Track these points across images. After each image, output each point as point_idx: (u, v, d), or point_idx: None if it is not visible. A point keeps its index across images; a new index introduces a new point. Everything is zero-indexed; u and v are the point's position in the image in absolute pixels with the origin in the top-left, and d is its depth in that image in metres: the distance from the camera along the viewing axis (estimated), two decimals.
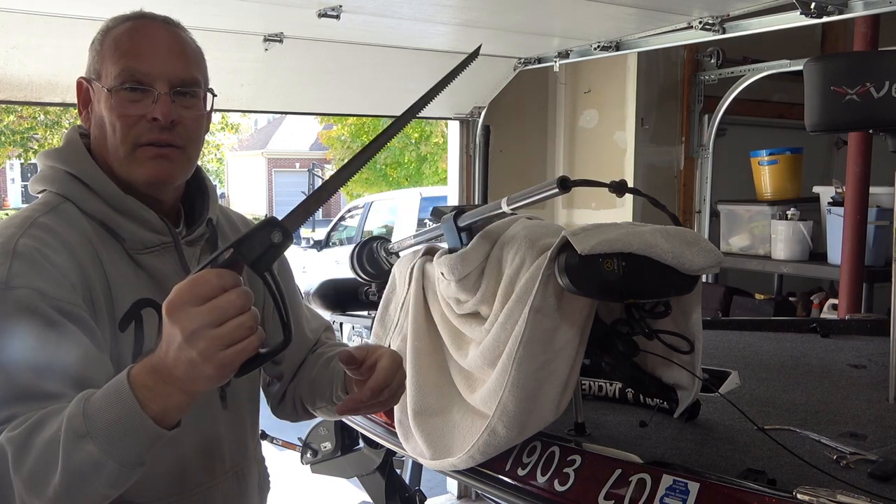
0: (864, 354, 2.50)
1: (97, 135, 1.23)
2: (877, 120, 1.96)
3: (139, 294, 1.19)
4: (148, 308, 1.19)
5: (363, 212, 9.23)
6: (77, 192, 1.20)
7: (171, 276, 1.22)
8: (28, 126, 15.14)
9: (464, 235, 1.76)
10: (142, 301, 1.19)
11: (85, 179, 1.20)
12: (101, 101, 1.21)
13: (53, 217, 1.17)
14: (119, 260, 1.19)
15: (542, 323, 1.52)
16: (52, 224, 1.15)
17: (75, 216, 1.18)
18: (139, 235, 1.21)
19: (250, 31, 2.99)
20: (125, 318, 1.16)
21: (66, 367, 1.04)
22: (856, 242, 3.72)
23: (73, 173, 1.20)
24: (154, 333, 1.18)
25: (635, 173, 4.33)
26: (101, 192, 1.19)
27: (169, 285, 1.18)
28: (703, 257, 1.52)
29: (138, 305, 1.18)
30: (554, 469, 1.55)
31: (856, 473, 1.47)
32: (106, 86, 1.19)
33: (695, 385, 1.74)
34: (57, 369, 1.04)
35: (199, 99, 1.26)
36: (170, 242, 1.24)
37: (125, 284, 1.18)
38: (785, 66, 3.98)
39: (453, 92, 4.16)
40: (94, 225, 1.19)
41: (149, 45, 1.20)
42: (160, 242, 1.23)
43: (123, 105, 1.19)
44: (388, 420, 1.99)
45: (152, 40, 1.21)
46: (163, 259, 1.23)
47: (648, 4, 2.82)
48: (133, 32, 1.21)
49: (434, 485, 4.22)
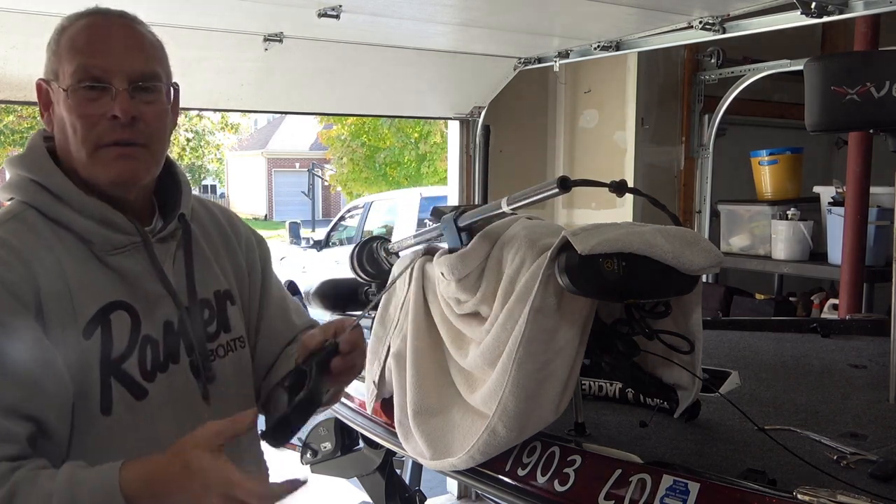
0: (864, 354, 2.50)
1: (60, 137, 1.21)
2: (877, 120, 1.96)
3: (107, 297, 1.17)
4: (118, 311, 1.18)
5: (363, 212, 9.24)
6: (41, 199, 1.18)
7: (142, 275, 1.21)
8: (28, 126, 15.14)
9: (464, 235, 1.76)
10: (109, 305, 1.17)
11: (48, 186, 1.18)
12: (59, 102, 1.19)
13: (12, 228, 1.15)
14: (86, 264, 1.17)
15: (543, 323, 1.52)
16: (7, 237, 1.13)
17: (37, 224, 1.16)
18: (107, 237, 1.19)
19: (250, 31, 2.99)
20: (90, 325, 1.14)
21: (15, 401, 1.04)
22: (856, 242, 3.72)
23: (37, 180, 1.18)
24: (124, 336, 1.18)
25: (635, 173, 4.33)
26: (65, 198, 1.17)
27: (140, 284, 1.20)
28: (704, 257, 1.53)
29: (105, 310, 1.16)
30: (554, 469, 1.55)
31: (856, 473, 1.47)
32: (63, 86, 1.17)
33: (695, 385, 1.74)
34: (6, 405, 1.04)
35: (160, 93, 1.23)
36: (139, 242, 1.22)
37: (91, 289, 1.16)
38: (785, 66, 3.98)
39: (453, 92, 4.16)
40: (59, 231, 1.17)
41: (104, 40, 1.18)
42: (129, 243, 1.21)
43: (82, 104, 1.16)
44: (388, 420, 1.99)
45: (107, 36, 1.18)
46: (133, 259, 1.21)
47: (648, 4, 2.82)
48: (87, 29, 1.19)
49: (434, 485, 4.22)
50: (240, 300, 1.39)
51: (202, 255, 1.33)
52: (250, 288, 1.43)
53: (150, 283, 1.22)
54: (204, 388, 1.27)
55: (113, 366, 1.16)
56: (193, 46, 2.81)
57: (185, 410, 1.24)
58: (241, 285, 1.41)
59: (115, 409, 1.15)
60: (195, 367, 1.26)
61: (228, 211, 1.49)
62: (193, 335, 1.26)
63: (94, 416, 1.14)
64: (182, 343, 1.25)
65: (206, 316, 1.30)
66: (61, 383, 1.10)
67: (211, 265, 1.34)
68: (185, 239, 1.31)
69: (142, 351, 1.19)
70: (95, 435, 1.14)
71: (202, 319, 1.29)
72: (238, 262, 1.42)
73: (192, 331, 1.26)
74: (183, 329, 1.25)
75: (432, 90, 3.90)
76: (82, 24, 1.20)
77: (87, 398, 1.13)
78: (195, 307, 1.28)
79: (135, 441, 1.16)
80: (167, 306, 1.24)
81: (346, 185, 17.11)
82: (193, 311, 1.27)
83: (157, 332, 1.22)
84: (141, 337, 1.19)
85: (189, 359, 1.25)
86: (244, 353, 1.38)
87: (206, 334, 1.29)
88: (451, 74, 3.71)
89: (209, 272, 1.33)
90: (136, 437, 1.17)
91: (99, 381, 1.14)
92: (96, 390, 1.14)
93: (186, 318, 1.25)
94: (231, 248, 1.41)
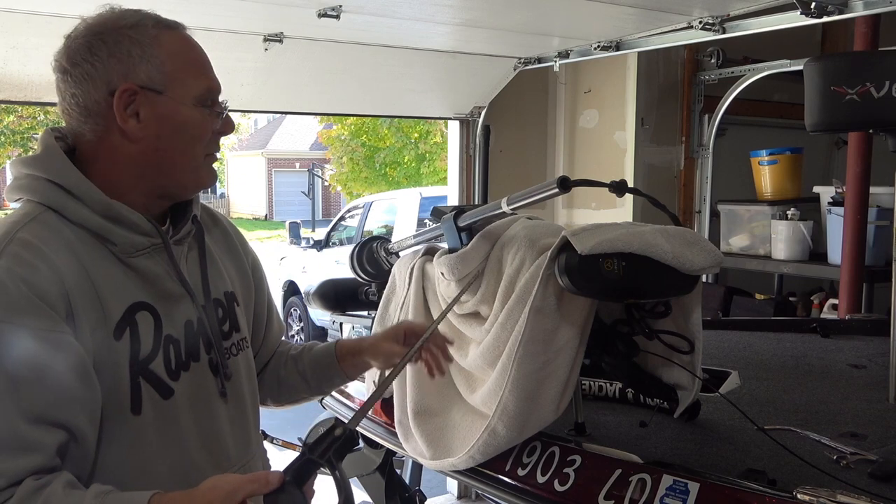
0: (864, 354, 2.50)
1: (149, 143, 1.21)
2: (877, 120, 1.96)
3: (131, 298, 1.18)
4: (142, 311, 1.19)
5: (363, 212, 9.23)
6: (60, 200, 1.17)
7: (161, 276, 1.22)
8: (28, 126, 15.15)
9: (464, 235, 1.76)
10: (134, 305, 1.18)
11: (68, 187, 1.17)
12: (169, 112, 1.21)
13: (33, 229, 1.13)
14: (108, 266, 1.18)
15: (542, 323, 1.52)
16: (31, 238, 1.12)
17: (57, 225, 1.16)
18: (130, 239, 1.19)
19: (250, 31, 2.99)
20: (119, 326, 1.15)
21: (45, 407, 1.05)
22: (856, 242, 3.72)
23: (56, 181, 1.18)
24: (149, 336, 1.19)
25: (635, 173, 4.33)
26: (87, 200, 1.17)
27: (160, 285, 1.22)
28: (704, 257, 1.52)
29: (131, 311, 1.17)
30: (554, 469, 1.55)
31: (856, 473, 1.47)
32: (184, 100, 1.21)
33: (695, 385, 1.74)
34: (39, 412, 1.04)
35: None
36: (159, 243, 1.23)
37: (116, 290, 1.17)
38: (785, 66, 3.98)
39: (453, 92, 4.16)
40: (78, 233, 1.17)
41: (205, 59, 1.27)
42: (150, 244, 1.22)
43: (207, 120, 1.24)
44: (388, 420, 1.99)
45: (203, 53, 1.26)
46: (154, 260, 1.23)
47: (648, 4, 2.82)
48: (189, 46, 1.25)
49: (434, 485, 4.22)
50: (244, 304, 1.42)
51: (211, 256, 1.36)
52: (256, 295, 1.49)
53: (169, 284, 1.24)
54: (222, 385, 1.29)
55: (141, 366, 1.17)
56: None
57: (204, 408, 1.26)
58: (246, 291, 1.45)
59: (144, 408, 1.17)
60: (214, 364, 1.28)
61: (227, 218, 1.53)
62: (212, 333, 1.28)
63: (125, 417, 1.15)
64: (201, 341, 1.27)
65: (220, 315, 1.33)
66: (91, 386, 1.10)
67: (218, 266, 1.37)
68: (198, 240, 1.33)
69: (165, 350, 1.21)
70: (124, 435, 1.15)
71: (217, 318, 1.32)
72: (243, 269, 1.46)
73: (210, 329, 1.28)
74: (202, 328, 1.27)
75: (432, 90, 3.90)
76: (179, 39, 1.24)
77: (118, 399, 1.14)
78: (210, 306, 1.30)
79: (160, 439, 1.18)
80: (186, 306, 1.26)
81: (346, 185, 17.09)
82: (209, 310, 1.29)
83: (179, 331, 1.24)
84: (164, 337, 1.21)
85: (208, 357, 1.28)
86: (250, 354, 1.42)
87: (222, 332, 1.32)
88: (451, 74, 3.71)
89: (218, 273, 1.36)
90: (161, 436, 1.19)
91: (129, 381, 1.15)
92: (126, 391, 1.15)
93: (204, 317, 1.28)
94: (235, 253, 1.45)
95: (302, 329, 8.66)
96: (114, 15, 1.22)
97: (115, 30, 1.19)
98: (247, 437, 1.36)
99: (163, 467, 1.18)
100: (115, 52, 1.18)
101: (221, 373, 1.29)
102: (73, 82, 1.20)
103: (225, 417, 1.30)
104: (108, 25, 1.20)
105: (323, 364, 1.54)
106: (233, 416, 1.32)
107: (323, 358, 1.54)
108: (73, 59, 1.19)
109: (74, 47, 1.20)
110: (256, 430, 1.42)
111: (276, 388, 1.56)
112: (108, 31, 1.19)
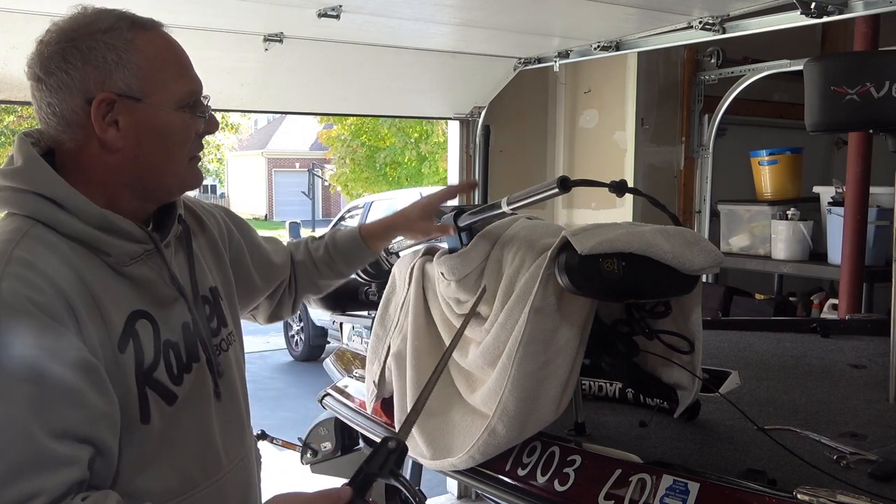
0: (864, 354, 2.50)
1: (130, 151, 1.17)
2: (877, 120, 1.96)
3: (129, 307, 1.16)
4: (141, 320, 1.17)
5: (363, 212, 9.22)
6: (51, 213, 1.12)
7: (156, 281, 1.21)
8: (28, 126, 15.13)
9: (464, 235, 1.76)
10: (133, 314, 1.16)
11: (59, 200, 1.12)
12: (149, 117, 1.17)
13: (29, 246, 1.09)
14: (104, 277, 1.14)
15: (542, 323, 1.52)
16: (29, 257, 1.07)
17: (51, 240, 1.11)
18: (124, 249, 1.17)
19: (250, 31, 2.99)
20: (122, 337, 1.13)
21: (71, 424, 1.03)
22: (856, 242, 3.72)
23: (43, 194, 1.12)
24: (150, 344, 1.17)
25: (635, 173, 4.33)
26: (79, 212, 1.13)
27: (154, 290, 1.21)
28: (704, 257, 1.52)
29: (131, 320, 1.15)
30: (554, 469, 1.55)
31: (856, 473, 1.47)
32: (167, 106, 1.18)
33: (695, 385, 1.74)
34: (65, 428, 1.03)
35: None
36: (152, 249, 1.21)
37: (114, 301, 1.14)
38: (785, 66, 3.98)
39: (453, 92, 4.17)
40: (72, 246, 1.13)
41: (186, 60, 1.23)
42: (143, 251, 1.20)
43: (189, 122, 1.21)
44: (388, 420, 1.99)
45: (183, 53, 1.23)
46: (147, 266, 1.20)
47: (648, 4, 2.82)
48: (168, 46, 1.21)
49: (434, 485, 4.22)
50: (226, 297, 1.40)
51: (195, 253, 1.34)
52: (245, 238, 1.54)
53: (163, 288, 1.22)
54: (215, 383, 1.28)
55: (146, 375, 1.16)
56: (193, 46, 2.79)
57: (201, 408, 1.25)
58: (226, 283, 1.43)
59: (152, 417, 1.16)
60: (210, 363, 1.28)
61: (196, 200, 1.48)
62: (204, 332, 1.27)
63: (135, 427, 1.14)
64: (199, 342, 1.26)
65: (208, 312, 1.32)
66: (111, 400, 1.09)
67: (201, 263, 1.36)
68: (185, 240, 1.32)
69: (166, 356, 1.19)
70: (135, 444, 1.14)
71: (205, 316, 1.31)
72: (222, 260, 1.44)
73: (202, 327, 1.27)
74: (197, 328, 1.26)
75: (432, 90, 3.90)
76: (156, 40, 1.19)
77: (127, 410, 1.13)
78: (198, 304, 1.29)
79: (165, 444, 1.18)
80: (181, 308, 1.24)
81: (346, 185, 17.09)
82: (199, 309, 1.28)
83: (177, 334, 1.22)
84: (162, 343, 1.19)
85: (205, 356, 1.27)
86: (237, 347, 1.40)
87: (210, 329, 1.31)
88: (451, 74, 3.71)
89: (202, 269, 1.35)
90: (166, 441, 1.18)
91: (136, 392, 1.14)
92: (135, 402, 1.14)
93: (198, 317, 1.27)
94: (213, 245, 1.43)
95: (302, 329, 8.66)
96: (87, 18, 1.16)
97: (89, 35, 1.14)
98: (241, 430, 1.36)
99: (161, 468, 1.18)
100: (89, 59, 1.13)
101: (215, 370, 1.28)
102: (48, 91, 1.16)
103: (219, 416, 1.29)
104: (82, 31, 1.14)
105: (353, 253, 1.72)
106: (227, 411, 1.31)
107: (351, 249, 1.72)
108: (47, 67, 1.15)
109: (47, 54, 1.15)
110: (249, 423, 1.42)
111: (313, 288, 1.74)
112: (82, 37, 1.14)
